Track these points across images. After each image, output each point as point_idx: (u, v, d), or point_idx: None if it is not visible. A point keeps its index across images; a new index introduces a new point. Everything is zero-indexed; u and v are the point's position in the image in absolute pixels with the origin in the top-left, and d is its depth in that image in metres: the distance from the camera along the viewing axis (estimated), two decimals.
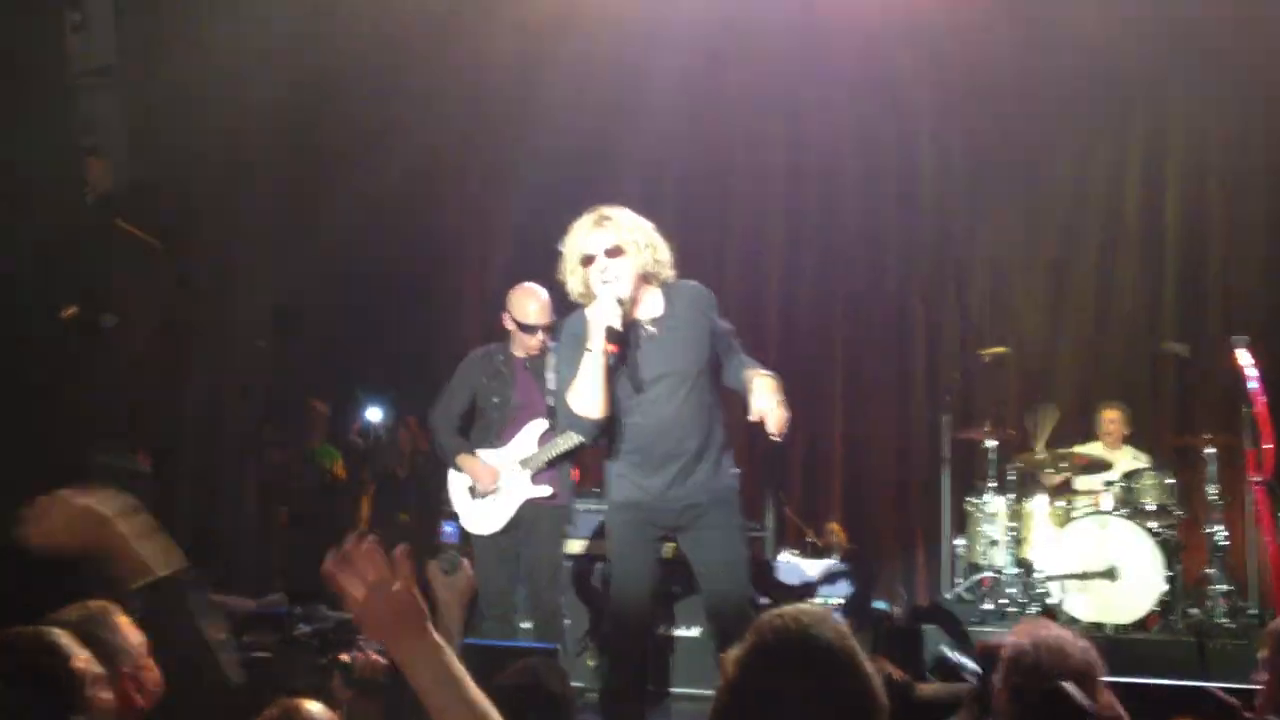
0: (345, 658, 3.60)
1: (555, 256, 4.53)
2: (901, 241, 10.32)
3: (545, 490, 6.00)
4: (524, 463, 6.02)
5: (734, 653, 1.88)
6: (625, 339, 4.41)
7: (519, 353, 6.11)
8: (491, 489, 5.99)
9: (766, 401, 4.35)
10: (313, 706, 2.90)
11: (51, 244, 6.19)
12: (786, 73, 10.03)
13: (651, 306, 4.60)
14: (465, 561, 3.42)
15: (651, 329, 4.56)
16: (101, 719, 2.49)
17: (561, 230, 4.65)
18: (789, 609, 1.92)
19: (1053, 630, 3.07)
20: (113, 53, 6.33)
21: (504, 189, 10.18)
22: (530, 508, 6.00)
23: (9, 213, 6.26)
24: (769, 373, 4.51)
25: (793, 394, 10.28)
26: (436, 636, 1.99)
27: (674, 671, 7.56)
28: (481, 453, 6.10)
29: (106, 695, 2.58)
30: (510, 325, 6.08)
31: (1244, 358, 6.60)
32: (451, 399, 6.16)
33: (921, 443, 9.75)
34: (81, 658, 2.56)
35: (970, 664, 3.13)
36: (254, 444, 8.06)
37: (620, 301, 4.42)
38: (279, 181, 8.63)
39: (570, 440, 5.89)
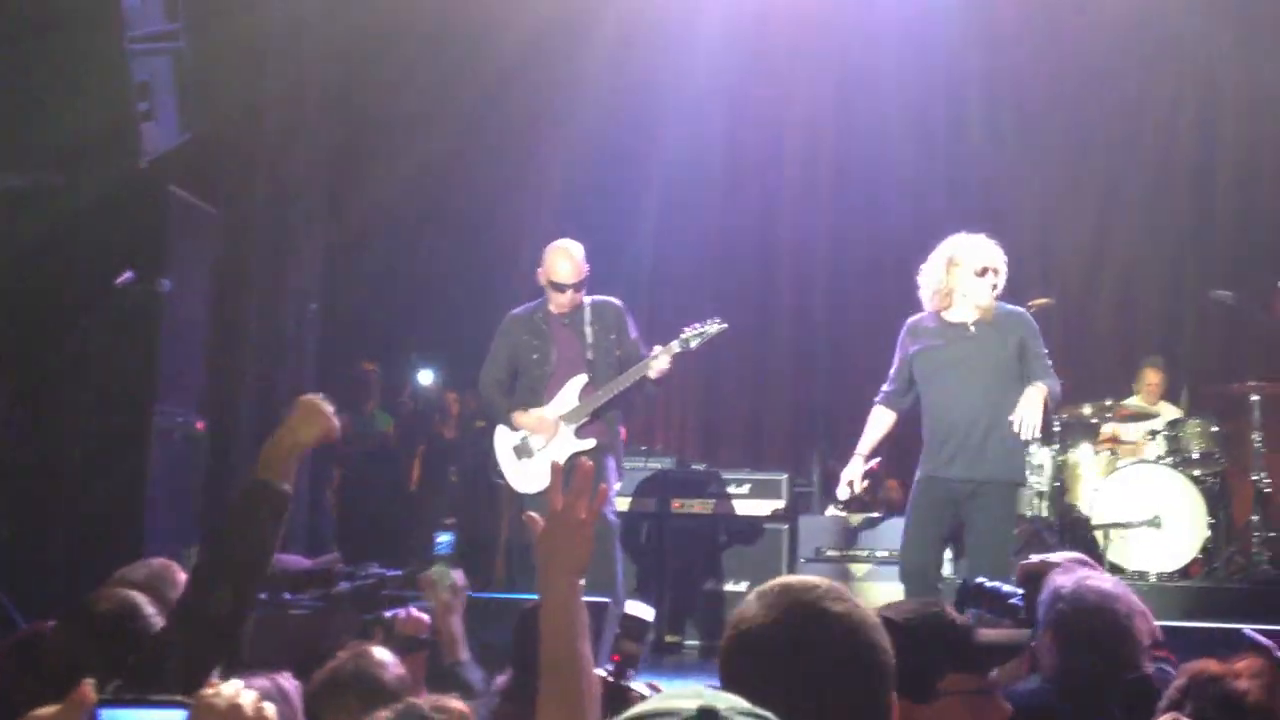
0: (388, 615, 3.69)
1: (600, 215, 4.73)
2: (948, 193, 10.28)
3: (590, 443, 6.05)
4: (567, 417, 6.09)
5: (744, 610, 1.86)
6: None
7: (556, 310, 6.16)
8: (553, 436, 6.05)
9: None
10: (381, 652, 3.01)
11: (107, 208, 6.33)
12: (833, 28, 10.01)
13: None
14: (458, 573, 3.51)
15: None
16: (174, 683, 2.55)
17: (610, 203, 4.89)
18: (795, 578, 1.90)
19: (1096, 579, 3.07)
20: (167, 17, 6.41)
21: (553, 147, 10.22)
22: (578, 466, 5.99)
23: (66, 176, 6.40)
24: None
25: (842, 348, 10.41)
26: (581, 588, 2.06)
27: (723, 625, 7.67)
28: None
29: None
30: (544, 282, 6.15)
31: None
32: (495, 360, 6.25)
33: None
34: (154, 625, 2.61)
35: (1009, 589, 3.15)
36: None
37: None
38: (331, 147, 8.70)
39: (610, 391, 6.02)
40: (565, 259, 6.08)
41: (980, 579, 3.23)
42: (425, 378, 10.03)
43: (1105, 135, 10.08)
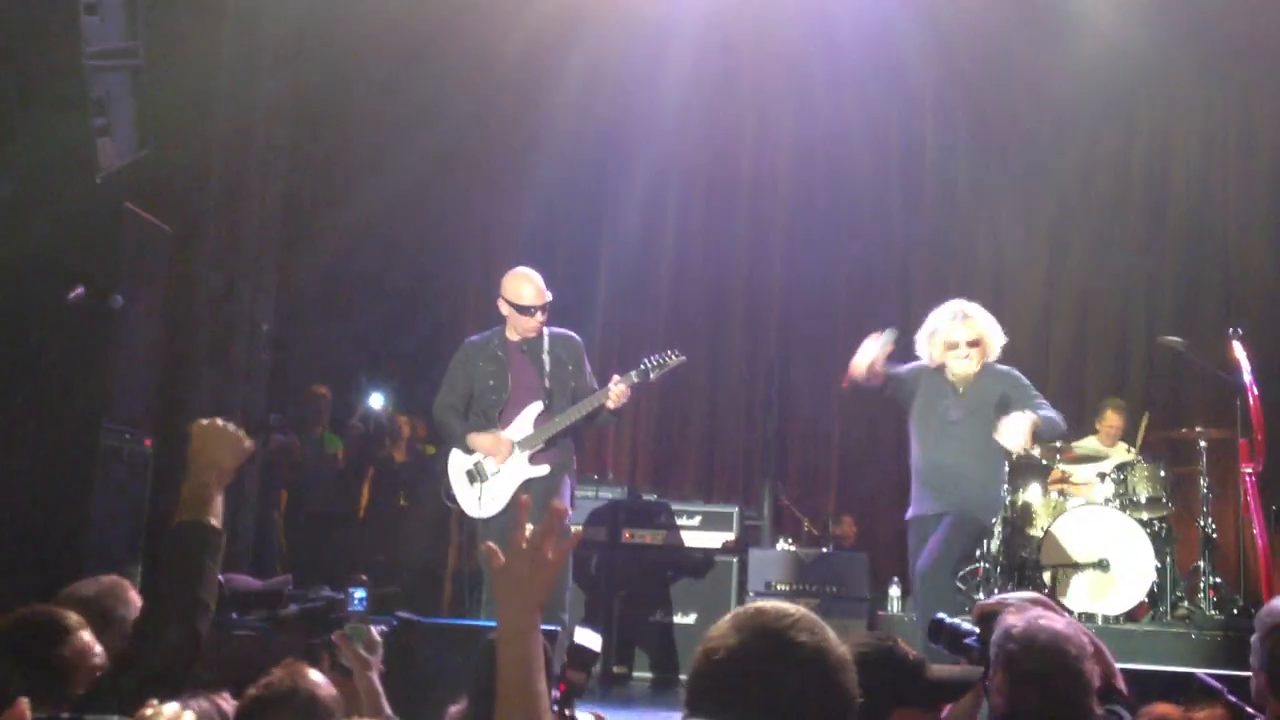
0: (334, 637, 3.65)
1: (556, 249, 4.78)
2: (903, 231, 10.39)
3: (543, 469, 6.10)
4: (521, 444, 6.12)
5: (714, 631, 1.89)
6: None
7: (514, 337, 6.21)
8: (507, 460, 6.08)
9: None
10: (315, 672, 2.97)
11: (61, 222, 6.26)
12: (795, 62, 10.11)
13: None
14: (372, 630, 3.49)
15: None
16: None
17: (566, 240, 4.89)
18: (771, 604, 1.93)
19: (1049, 620, 3.07)
20: (126, 34, 6.37)
21: (514, 182, 10.24)
22: (538, 487, 6.05)
23: (19, 189, 6.33)
24: None
25: (795, 383, 10.46)
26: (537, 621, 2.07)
27: (669, 657, 7.67)
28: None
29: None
30: (506, 309, 6.18)
31: (1239, 349, 6.68)
32: (452, 386, 6.27)
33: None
34: (78, 645, 2.56)
35: (967, 627, 3.16)
36: (258, 428, 8.11)
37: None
38: (288, 169, 8.67)
39: (566, 419, 6.08)
40: (528, 283, 6.14)
41: (941, 615, 3.24)
42: (376, 401, 9.98)
43: (1059, 177, 10.23)
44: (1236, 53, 9.46)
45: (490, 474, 6.13)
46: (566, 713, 3.37)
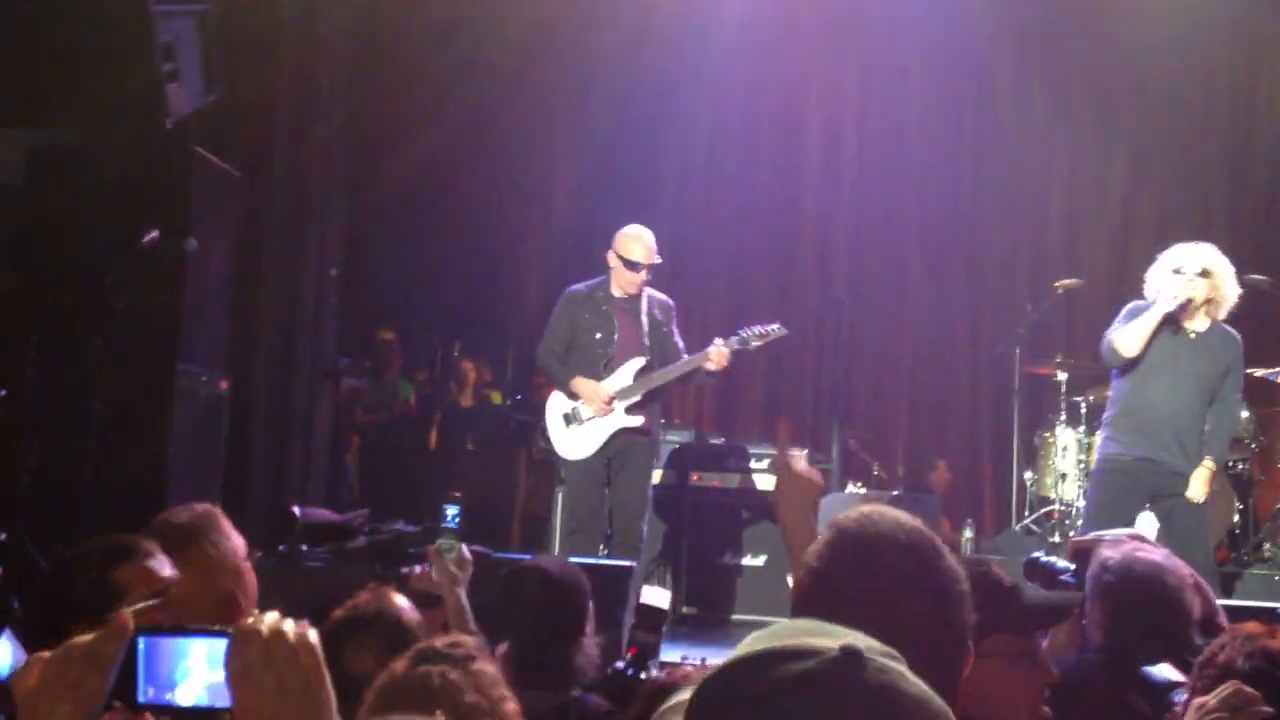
0: (404, 571, 3.68)
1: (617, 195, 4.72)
2: (975, 172, 10.21)
3: (638, 420, 6.31)
4: (620, 394, 6.29)
5: (814, 546, 1.84)
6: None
7: (617, 292, 6.36)
8: (607, 410, 6.27)
9: None
10: (400, 596, 2.99)
11: (132, 167, 6.32)
12: (858, 11, 9.95)
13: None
14: (463, 547, 3.50)
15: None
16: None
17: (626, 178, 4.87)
18: (867, 506, 1.88)
19: (1148, 550, 3.03)
20: None
21: (576, 121, 10.17)
22: (625, 441, 6.31)
23: (92, 135, 6.38)
24: None
25: (863, 327, 10.39)
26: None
27: (738, 598, 7.67)
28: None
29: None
30: (614, 263, 6.34)
31: None
32: (555, 333, 6.47)
33: (991, 375, 9.68)
34: (139, 567, 2.55)
35: (1063, 564, 3.11)
36: (328, 371, 8.18)
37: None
38: (352, 111, 8.67)
39: (665, 376, 6.30)
40: (641, 243, 6.33)
41: (1036, 554, 3.20)
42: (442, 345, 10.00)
43: (1134, 112, 9.99)
44: None
45: (585, 419, 6.34)
46: (641, 675, 3.33)
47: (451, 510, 3.64)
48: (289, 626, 1.55)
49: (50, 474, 5.58)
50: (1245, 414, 7.68)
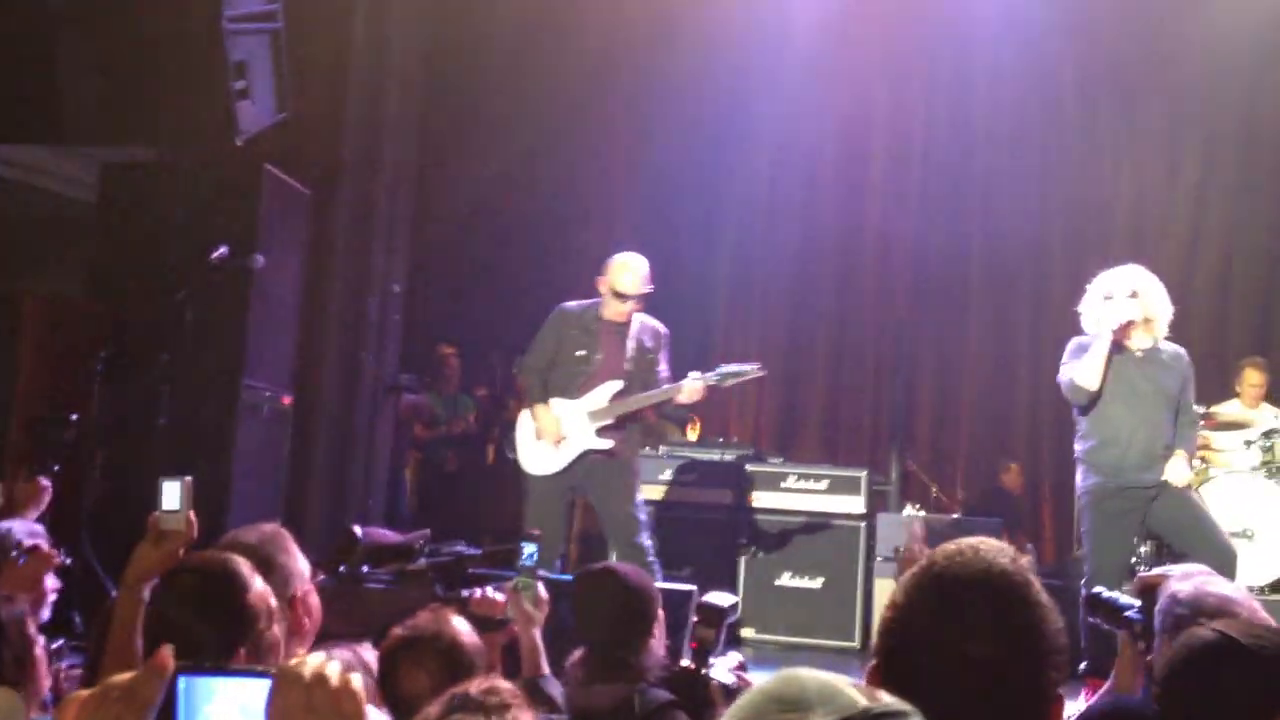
0: (464, 594, 3.70)
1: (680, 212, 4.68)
2: (1039, 190, 10.09)
3: (607, 443, 6.29)
4: (592, 415, 6.30)
5: (905, 578, 1.83)
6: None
7: (609, 316, 6.37)
8: (554, 442, 6.29)
9: None
10: (460, 619, 3.01)
11: (203, 184, 6.43)
12: (926, 23, 9.89)
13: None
14: (540, 586, 3.51)
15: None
16: (266, 654, 2.48)
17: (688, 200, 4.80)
18: (967, 540, 1.84)
19: (1218, 582, 2.99)
20: None
21: (639, 145, 10.20)
22: (594, 464, 6.30)
23: (164, 152, 6.51)
24: None
25: (924, 347, 10.30)
26: None
27: (795, 621, 7.63)
28: (557, 401, 6.37)
29: (275, 632, 2.57)
30: (604, 290, 6.36)
31: None
32: (541, 347, 6.48)
33: (1054, 399, 9.56)
34: (258, 590, 2.55)
35: (1125, 600, 3.07)
36: (389, 389, 8.25)
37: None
38: (420, 133, 8.76)
39: (638, 402, 6.30)
40: (631, 272, 6.33)
41: (1099, 589, 3.17)
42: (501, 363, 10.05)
43: (1202, 132, 9.83)
44: None
45: (554, 441, 6.34)
46: (703, 671, 3.38)
47: (529, 548, 3.64)
48: (333, 670, 1.55)
49: (115, 490, 5.67)
50: None
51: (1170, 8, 9.40)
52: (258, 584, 2.57)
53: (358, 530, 5.29)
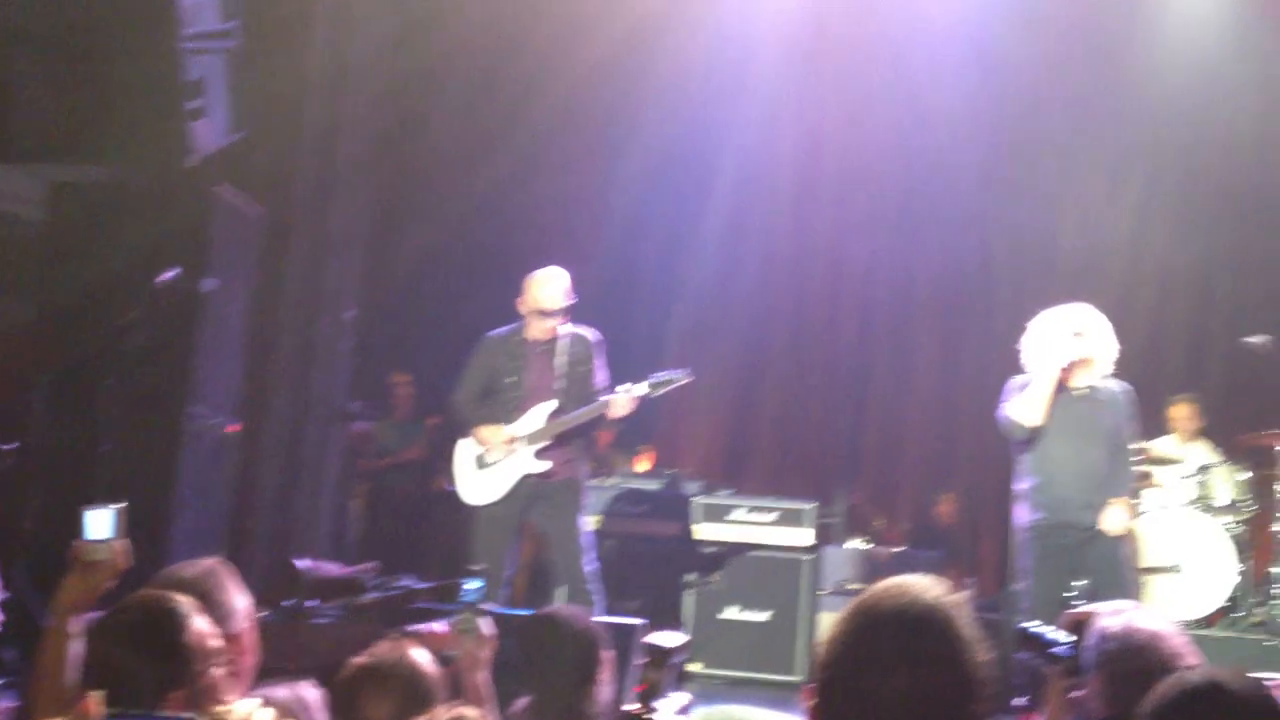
0: (411, 630, 3.66)
1: (639, 244, 4.71)
2: (985, 223, 10.21)
3: (545, 465, 6.27)
4: (530, 438, 6.28)
5: (839, 615, 1.89)
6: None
7: (533, 336, 6.36)
8: (510, 453, 6.26)
9: None
10: (421, 651, 2.97)
11: (154, 204, 6.35)
12: (879, 49, 9.99)
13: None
14: (482, 624, 3.46)
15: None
16: (203, 696, 2.42)
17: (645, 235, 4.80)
18: (897, 578, 1.91)
19: (1138, 611, 3.05)
20: (223, 16, 6.42)
21: (600, 175, 10.20)
22: (538, 487, 6.29)
23: (114, 171, 6.41)
24: None
25: (874, 381, 10.34)
26: None
27: (743, 654, 7.63)
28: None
29: (216, 672, 2.53)
30: (525, 310, 6.36)
31: None
32: (470, 379, 6.45)
33: (997, 431, 9.66)
34: (197, 630, 2.52)
35: (1052, 635, 3.10)
36: (338, 415, 8.17)
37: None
38: (378, 158, 8.71)
39: (573, 420, 6.27)
40: (552, 285, 6.32)
41: (1027, 624, 3.19)
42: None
43: (1148, 165, 9.99)
44: None
45: (492, 463, 6.33)
46: (646, 716, 3.35)
47: (472, 584, 3.58)
48: (261, 717, 1.54)
49: (56, 519, 5.56)
50: (1243, 476, 7.68)
51: (1114, 44, 9.54)
52: (198, 624, 2.54)
53: (300, 564, 5.23)
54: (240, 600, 2.98)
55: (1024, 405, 5.83)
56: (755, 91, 9.87)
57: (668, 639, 3.60)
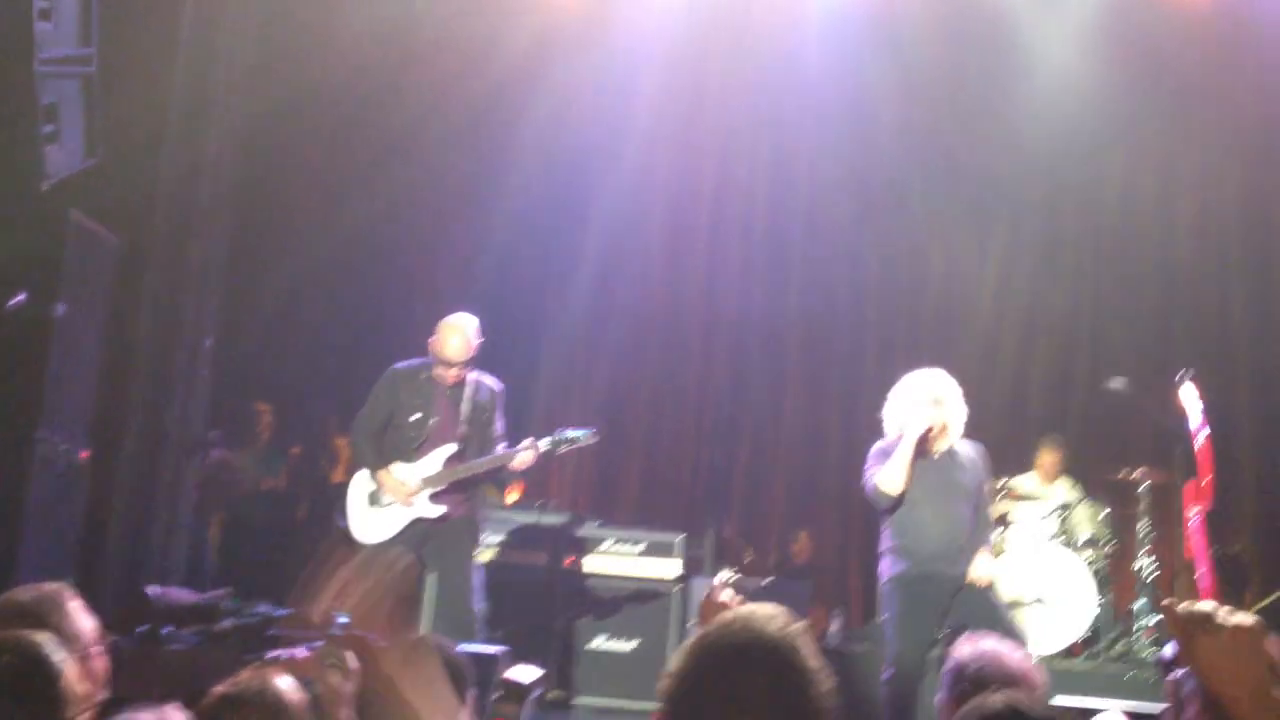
0: (270, 657, 3.57)
1: (509, 274, 4.69)
2: (855, 264, 10.42)
3: (439, 509, 6.26)
4: (427, 480, 6.26)
5: (683, 648, 1.92)
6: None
7: (440, 377, 6.37)
8: (408, 503, 6.23)
9: None
10: (285, 678, 2.91)
11: (4, 228, 6.18)
12: (757, 94, 10.17)
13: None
14: (347, 658, 3.41)
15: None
16: None
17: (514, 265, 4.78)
18: (742, 609, 1.96)
19: (990, 641, 3.16)
20: (79, 42, 6.32)
21: (472, 206, 10.17)
22: (435, 529, 6.26)
23: None
24: None
25: (743, 415, 10.46)
26: None
27: (610, 683, 7.62)
28: (396, 466, 6.32)
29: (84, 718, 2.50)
30: (434, 352, 6.36)
31: (1189, 393, 6.74)
32: (375, 410, 6.41)
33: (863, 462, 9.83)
34: (71, 675, 2.49)
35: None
36: (195, 444, 7.99)
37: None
38: (239, 185, 8.58)
39: (472, 469, 6.27)
40: (457, 336, 6.33)
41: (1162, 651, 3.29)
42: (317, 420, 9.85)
43: (1012, 211, 10.29)
44: (1191, 94, 9.59)
45: (385, 503, 6.30)
46: None
47: (341, 619, 3.49)
48: None
49: None
50: (1104, 513, 7.93)
51: (979, 99, 9.86)
52: (70, 670, 2.51)
53: (150, 590, 5.10)
54: (83, 625, 2.91)
55: (889, 474, 5.93)
56: (634, 136, 9.95)
57: (525, 673, 3.57)
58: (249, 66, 8.37)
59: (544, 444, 6.30)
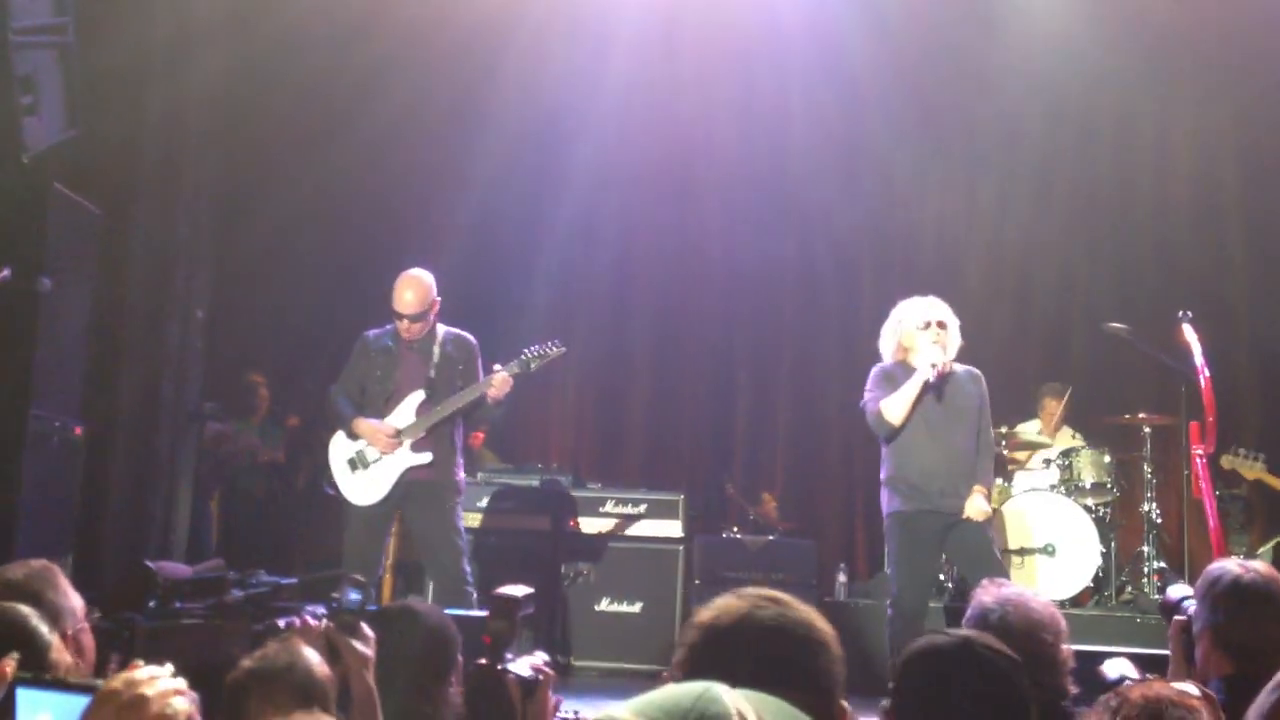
0: (282, 624, 3.52)
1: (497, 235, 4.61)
2: (847, 220, 10.32)
3: (425, 457, 6.22)
4: (404, 432, 6.23)
5: (699, 617, 1.95)
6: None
7: (405, 335, 6.34)
8: (392, 445, 6.19)
9: None
10: (311, 650, 2.89)
11: None
12: (738, 55, 10.05)
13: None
14: (363, 625, 3.36)
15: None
16: None
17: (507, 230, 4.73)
18: (747, 591, 1.99)
19: (1014, 587, 3.13)
20: (55, 10, 6.19)
21: (454, 170, 10.03)
22: (412, 486, 6.23)
23: None
24: None
25: (741, 373, 10.42)
26: None
27: (615, 646, 7.60)
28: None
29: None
30: (391, 310, 6.34)
31: (1189, 333, 6.70)
32: (350, 375, 6.45)
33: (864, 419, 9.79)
34: (57, 647, 2.52)
35: (1182, 594, 3.18)
36: (192, 417, 7.93)
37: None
38: (223, 153, 8.47)
39: (447, 408, 6.21)
40: (409, 289, 6.27)
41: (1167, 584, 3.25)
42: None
43: (1001, 167, 10.20)
44: (1181, 50, 9.50)
45: (371, 461, 6.27)
46: (500, 666, 3.23)
47: (354, 594, 3.45)
48: (155, 690, 1.49)
49: None
50: (1107, 459, 7.89)
51: (965, 42, 9.74)
52: (57, 647, 2.52)
53: (152, 566, 5.04)
54: (73, 600, 2.93)
55: (894, 405, 5.95)
56: (611, 84, 9.81)
57: (514, 589, 3.49)
58: (231, 26, 8.25)
59: (515, 366, 6.27)
